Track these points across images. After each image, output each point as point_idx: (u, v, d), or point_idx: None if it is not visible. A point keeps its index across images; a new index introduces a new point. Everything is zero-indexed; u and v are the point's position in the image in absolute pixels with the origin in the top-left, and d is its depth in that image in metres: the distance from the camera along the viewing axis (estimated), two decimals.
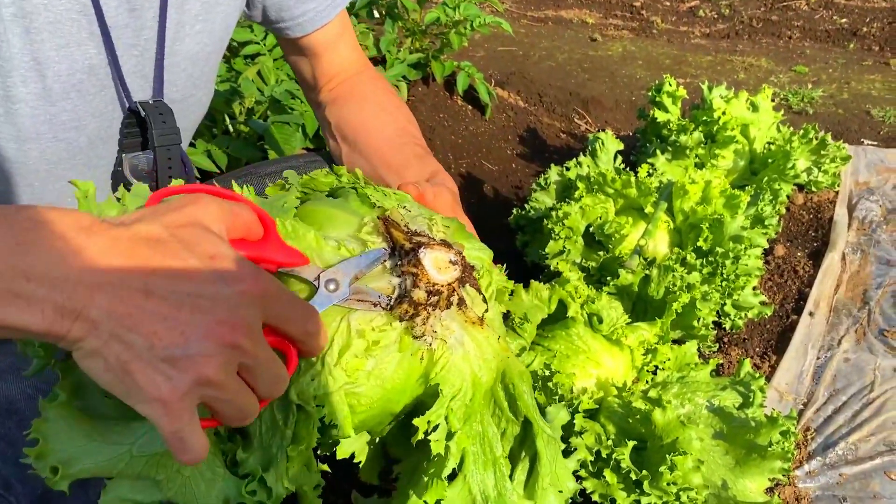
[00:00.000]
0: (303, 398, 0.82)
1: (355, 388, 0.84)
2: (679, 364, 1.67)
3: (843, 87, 4.31)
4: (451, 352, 0.88)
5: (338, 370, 0.82)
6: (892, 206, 2.76)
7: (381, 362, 0.85)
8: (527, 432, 0.98)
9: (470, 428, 0.90)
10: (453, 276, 0.89)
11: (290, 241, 0.85)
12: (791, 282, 2.32)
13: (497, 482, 0.91)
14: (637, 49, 5.11)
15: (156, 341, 0.61)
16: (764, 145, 2.68)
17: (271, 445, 0.82)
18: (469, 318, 0.91)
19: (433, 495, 0.86)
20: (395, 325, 0.86)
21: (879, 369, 1.92)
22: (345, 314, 0.84)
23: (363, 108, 1.52)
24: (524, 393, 0.96)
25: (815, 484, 1.60)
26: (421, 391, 0.89)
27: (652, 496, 1.31)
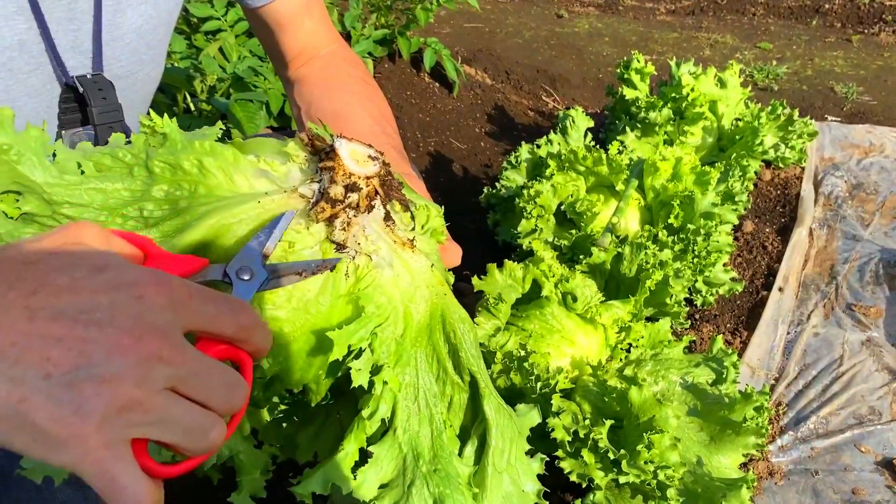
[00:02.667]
0: None
1: (275, 311, 0.76)
2: (652, 341, 1.67)
3: (807, 63, 4.34)
4: (377, 271, 0.81)
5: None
6: (856, 182, 2.79)
7: (301, 287, 0.77)
8: (476, 399, 0.87)
9: (402, 372, 0.81)
10: (372, 169, 0.82)
11: (207, 157, 0.80)
12: (760, 258, 2.33)
13: (434, 441, 0.81)
14: (603, 26, 5.10)
15: (51, 368, 0.50)
16: (732, 121, 2.68)
17: None
18: (398, 238, 0.84)
19: (355, 442, 0.77)
20: (313, 228, 0.79)
21: (848, 343, 1.94)
22: (261, 223, 0.78)
23: (335, 96, 1.46)
24: (466, 341, 0.86)
25: (788, 458, 1.61)
26: (351, 320, 0.78)
27: (630, 475, 1.30)
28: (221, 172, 0.82)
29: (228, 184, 0.82)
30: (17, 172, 0.76)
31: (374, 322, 0.78)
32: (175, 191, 0.81)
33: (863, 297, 2.13)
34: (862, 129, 3.26)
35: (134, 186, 0.81)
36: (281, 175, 0.84)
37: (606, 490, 1.39)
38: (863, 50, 4.63)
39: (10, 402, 0.49)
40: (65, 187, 0.78)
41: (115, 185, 0.80)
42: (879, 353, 1.90)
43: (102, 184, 0.79)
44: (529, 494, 0.86)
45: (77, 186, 0.78)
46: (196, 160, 0.81)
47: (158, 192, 0.81)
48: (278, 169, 0.84)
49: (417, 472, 0.79)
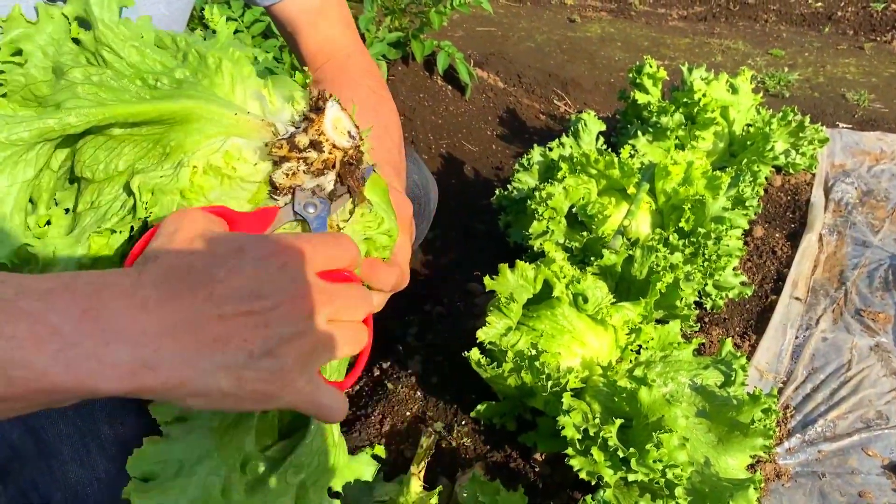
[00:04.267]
0: (141, 189, 0.79)
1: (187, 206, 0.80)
2: (662, 343, 1.69)
3: (819, 70, 4.35)
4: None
5: (185, 173, 0.80)
6: (867, 189, 2.80)
7: (224, 199, 0.82)
8: None
9: None
10: (343, 143, 0.85)
11: (227, 61, 0.86)
12: (770, 262, 2.35)
13: None
14: (615, 30, 5.11)
15: (251, 346, 0.64)
16: (743, 127, 2.70)
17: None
18: (340, 217, 0.88)
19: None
20: (260, 164, 0.83)
21: (856, 348, 1.95)
22: (227, 133, 0.83)
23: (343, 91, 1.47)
24: None
25: (795, 460, 1.62)
26: None
27: (639, 473, 1.32)
28: (230, 78, 0.87)
29: (228, 89, 0.87)
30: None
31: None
32: (190, 77, 0.85)
33: (872, 302, 2.14)
34: (873, 136, 3.26)
35: (167, 63, 0.86)
36: (273, 109, 0.88)
37: (615, 488, 1.41)
38: (875, 57, 4.63)
39: (231, 384, 0.63)
40: (114, 34, 0.82)
41: (154, 56, 0.85)
42: (888, 358, 1.92)
43: (145, 49, 0.84)
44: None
45: (123, 42, 0.82)
46: (218, 58, 0.86)
47: (181, 74, 0.85)
48: (275, 103, 0.88)
49: None
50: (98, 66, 0.81)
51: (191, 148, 0.81)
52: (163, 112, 0.79)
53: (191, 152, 0.81)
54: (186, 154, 0.81)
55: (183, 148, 0.81)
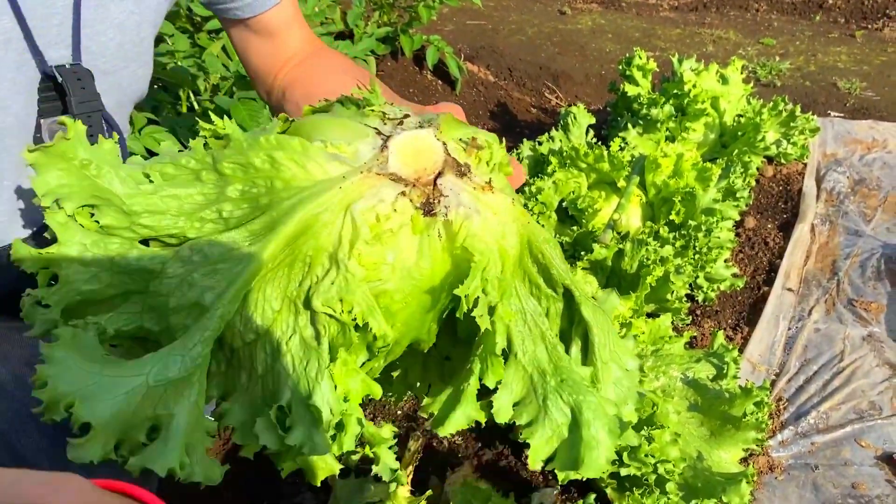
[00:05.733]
0: (328, 304, 0.78)
1: (384, 286, 0.80)
2: (653, 337, 1.68)
3: (810, 59, 4.34)
4: (467, 221, 0.84)
5: (353, 263, 0.78)
6: (859, 178, 2.79)
7: (399, 250, 0.81)
8: (571, 305, 0.92)
9: (509, 303, 0.86)
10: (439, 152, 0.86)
11: (276, 151, 0.82)
12: (762, 253, 2.34)
13: (550, 355, 0.88)
14: (606, 22, 5.10)
15: None
16: (734, 118, 2.68)
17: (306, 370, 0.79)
18: (476, 184, 0.87)
19: (491, 377, 0.83)
20: (399, 204, 0.81)
21: (849, 339, 1.95)
22: (347, 207, 0.80)
23: (333, 79, 1.47)
24: (554, 259, 0.91)
25: (788, 453, 1.62)
26: (451, 273, 0.85)
27: (631, 467, 1.31)
28: (294, 164, 0.83)
29: (303, 174, 0.83)
30: (97, 186, 0.78)
31: (480, 269, 0.82)
32: (251, 188, 0.83)
33: (864, 292, 2.14)
34: (865, 124, 3.26)
35: (206, 190, 0.83)
36: (350, 155, 0.85)
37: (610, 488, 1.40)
38: (866, 45, 4.62)
39: None
40: (143, 197, 0.80)
41: (188, 191, 0.82)
42: (880, 348, 1.91)
43: (175, 190, 0.81)
44: (633, 371, 0.93)
45: (152, 195, 0.80)
46: (266, 156, 0.83)
47: (233, 192, 0.83)
48: (346, 150, 0.85)
49: (547, 387, 0.85)
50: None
51: (328, 243, 0.80)
52: (281, 240, 0.78)
53: (332, 246, 0.80)
54: (329, 250, 0.80)
55: (323, 248, 0.79)
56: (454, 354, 0.97)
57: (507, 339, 0.85)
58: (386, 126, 0.87)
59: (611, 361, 0.90)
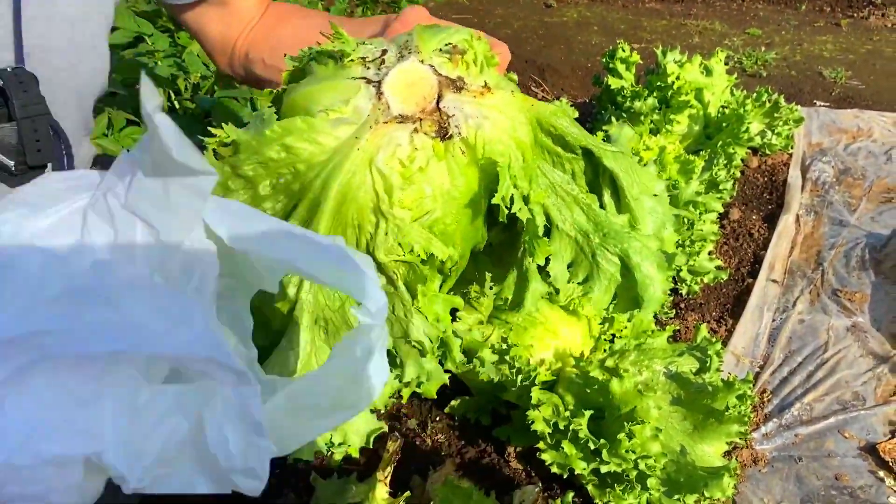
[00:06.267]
0: (390, 253, 0.83)
1: (432, 216, 0.85)
2: (636, 331, 1.67)
3: (796, 48, 4.33)
4: (481, 130, 0.88)
5: (396, 210, 0.83)
6: (844, 167, 2.79)
7: (433, 181, 0.85)
8: (593, 160, 0.98)
9: (538, 185, 0.92)
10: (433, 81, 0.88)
11: (286, 138, 0.84)
12: (746, 245, 2.34)
13: (588, 215, 0.93)
14: (592, 15, 5.08)
15: None
16: (718, 109, 2.68)
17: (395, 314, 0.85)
18: (475, 92, 0.90)
19: (540, 255, 0.89)
20: (417, 139, 0.85)
21: (833, 329, 1.95)
22: (371, 163, 0.84)
23: (289, 27, 1.45)
24: (567, 126, 0.95)
25: (772, 445, 1.62)
26: (483, 177, 0.90)
27: (611, 464, 1.31)
28: (306, 142, 0.86)
29: (319, 148, 0.86)
30: None
31: (506, 170, 0.87)
32: (278, 180, 0.86)
33: (848, 282, 2.13)
34: (850, 113, 3.25)
35: (240, 197, 0.87)
36: (352, 114, 0.88)
37: (592, 485, 1.40)
38: (852, 34, 4.62)
39: None
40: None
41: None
42: (864, 338, 1.91)
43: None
44: (662, 195, 1.00)
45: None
46: (279, 146, 0.85)
47: (265, 189, 0.86)
48: (346, 111, 0.88)
49: (593, 244, 0.93)
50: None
51: (368, 201, 0.85)
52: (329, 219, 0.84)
53: (372, 202, 0.85)
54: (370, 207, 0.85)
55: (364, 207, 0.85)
56: (499, 240, 1.04)
57: (546, 216, 0.92)
58: (370, 70, 0.89)
59: (641, 195, 0.97)
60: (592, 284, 0.93)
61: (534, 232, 0.88)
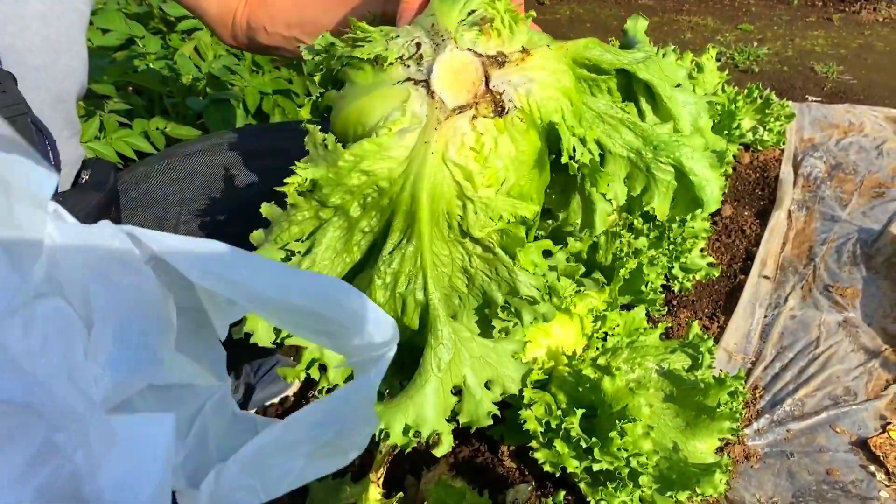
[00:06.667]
0: (483, 228, 0.88)
1: (508, 183, 0.89)
2: (628, 329, 1.68)
3: (788, 43, 4.34)
4: (532, 96, 0.90)
5: (480, 191, 0.87)
6: (835, 163, 2.80)
7: (502, 154, 0.88)
8: (626, 75, 1.01)
9: (587, 121, 0.96)
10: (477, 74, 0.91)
11: (362, 163, 0.88)
12: (738, 241, 2.34)
13: (636, 132, 0.98)
14: (584, 12, 5.09)
15: None
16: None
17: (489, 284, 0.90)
18: (514, 58, 0.92)
19: (602, 185, 0.94)
20: (479, 123, 0.88)
21: (824, 325, 1.96)
22: (443, 161, 0.88)
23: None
24: (601, 55, 0.99)
25: (764, 441, 1.62)
26: (543, 134, 0.93)
27: (603, 462, 1.32)
28: (381, 160, 0.89)
29: (395, 163, 0.90)
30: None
31: (563, 125, 0.91)
32: (366, 199, 0.91)
33: (840, 277, 2.14)
34: (841, 108, 3.26)
35: (336, 224, 0.92)
36: (411, 121, 0.90)
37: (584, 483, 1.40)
38: (843, 29, 4.63)
39: None
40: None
41: (328, 235, 0.93)
42: (856, 333, 1.92)
43: (317, 248, 0.92)
44: (685, 82, 1.01)
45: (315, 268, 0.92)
46: (357, 172, 0.90)
47: (356, 211, 0.91)
48: (406, 120, 0.90)
49: (647, 158, 0.97)
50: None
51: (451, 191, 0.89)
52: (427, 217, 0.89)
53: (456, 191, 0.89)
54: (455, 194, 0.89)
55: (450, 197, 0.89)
56: (562, 179, 1.07)
57: (599, 146, 0.95)
58: (411, 68, 0.92)
59: (673, 92, 0.99)
60: (651, 195, 0.97)
61: (595, 167, 0.93)
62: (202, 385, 0.59)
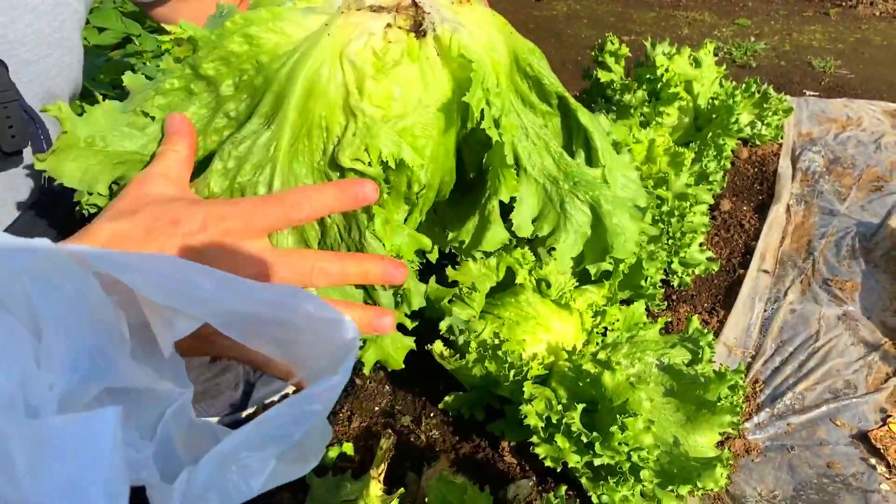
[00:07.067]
0: (356, 157, 0.76)
1: (402, 122, 0.78)
2: (628, 324, 1.68)
3: (785, 38, 4.34)
4: (457, 34, 0.79)
5: (366, 105, 0.76)
6: (833, 157, 2.80)
7: (404, 83, 0.77)
8: (568, 115, 0.91)
9: (509, 118, 0.84)
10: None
11: (248, 28, 0.77)
12: (737, 236, 2.34)
13: (558, 163, 0.87)
14: (581, 7, 5.08)
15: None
16: (708, 101, 2.68)
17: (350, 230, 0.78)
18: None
19: (505, 190, 0.82)
20: (391, 33, 0.78)
21: (824, 318, 1.96)
22: (341, 53, 0.76)
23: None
24: (544, 68, 0.90)
25: (764, 435, 1.62)
26: (456, 92, 0.81)
27: (604, 457, 1.32)
28: (271, 33, 0.79)
29: (284, 39, 0.79)
30: (112, 154, 0.78)
31: (479, 79, 0.78)
32: (241, 76, 0.79)
33: (839, 271, 2.14)
34: (839, 102, 3.27)
35: (203, 100, 0.81)
36: (322, 2, 0.81)
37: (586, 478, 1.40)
38: (840, 23, 4.63)
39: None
40: (156, 142, 0.80)
41: (189, 111, 0.80)
42: (855, 326, 1.92)
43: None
44: (636, 179, 0.95)
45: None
46: (240, 37, 0.79)
47: (227, 89, 0.80)
48: (316, 0, 0.81)
49: (562, 192, 0.85)
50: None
51: (338, 96, 0.78)
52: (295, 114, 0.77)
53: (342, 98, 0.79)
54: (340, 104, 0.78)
55: (334, 104, 0.78)
56: (463, 199, 0.96)
57: (515, 154, 0.83)
58: None
59: (615, 169, 0.90)
60: (559, 236, 0.85)
61: (501, 161, 0.81)
62: (162, 390, 0.57)
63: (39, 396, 0.47)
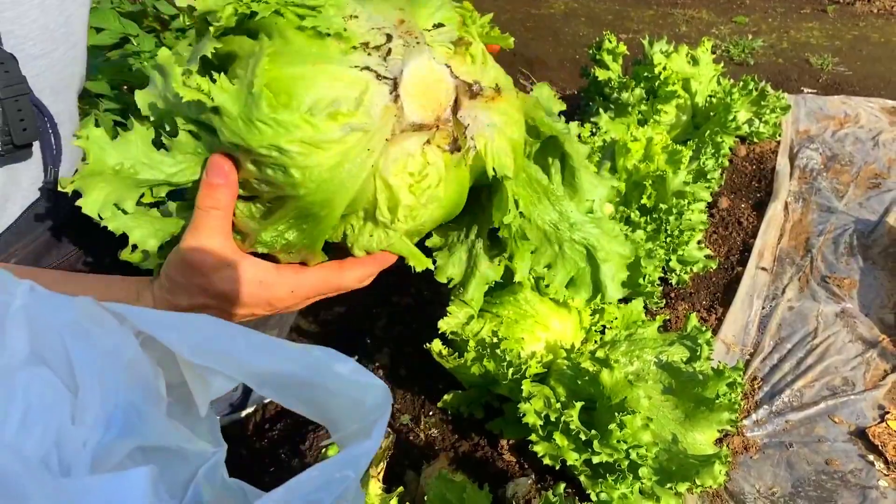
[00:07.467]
0: (367, 250, 0.84)
1: (422, 226, 0.84)
2: (626, 322, 1.68)
3: (783, 36, 4.34)
4: (492, 142, 0.82)
5: (391, 220, 0.79)
6: (831, 154, 2.80)
7: (434, 197, 0.80)
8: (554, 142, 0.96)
9: (523, 182, 0.92)
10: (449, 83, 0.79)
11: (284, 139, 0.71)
12: (735, 233, 2.35)
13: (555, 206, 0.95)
14: (579, 6, 5.08)
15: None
16: (705, 98, 2.69)
17: None
18: (487, 97, 0.82)
19: (520, 257, 0.91)
20: (429, 151, 0.77)
21: (822, 315, 1.96)
22: (377, 172, 0.74)
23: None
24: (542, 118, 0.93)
25: (763, 432, 1.63)
26: (472, 177, 0.86)
27: (602, 454, 1.32)
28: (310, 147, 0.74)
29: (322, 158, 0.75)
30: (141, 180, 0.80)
31: (510, 188, 0.86)
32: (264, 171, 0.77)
33: (837, 268, 2.15)
34: (837, 100, 3.27)
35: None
36: (363, 118, 0.74)
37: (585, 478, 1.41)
38: (838, 20, 4.63)
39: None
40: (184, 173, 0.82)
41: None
42: (853, 324, 1.92)
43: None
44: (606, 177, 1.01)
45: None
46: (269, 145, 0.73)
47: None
48: (358, 115, 0.74)
49: (562, 236, 0.94)
50: None
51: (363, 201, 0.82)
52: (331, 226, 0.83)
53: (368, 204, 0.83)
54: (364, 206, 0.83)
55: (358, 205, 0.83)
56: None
57: (521, 214, 0.91)
58: (371, 58, 0.75)
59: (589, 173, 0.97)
60: (556, 272, 0.95)
61: (521, 236, 0.90)
62: (194, 450, 0.56)
63: (73, 453, 0.47)
